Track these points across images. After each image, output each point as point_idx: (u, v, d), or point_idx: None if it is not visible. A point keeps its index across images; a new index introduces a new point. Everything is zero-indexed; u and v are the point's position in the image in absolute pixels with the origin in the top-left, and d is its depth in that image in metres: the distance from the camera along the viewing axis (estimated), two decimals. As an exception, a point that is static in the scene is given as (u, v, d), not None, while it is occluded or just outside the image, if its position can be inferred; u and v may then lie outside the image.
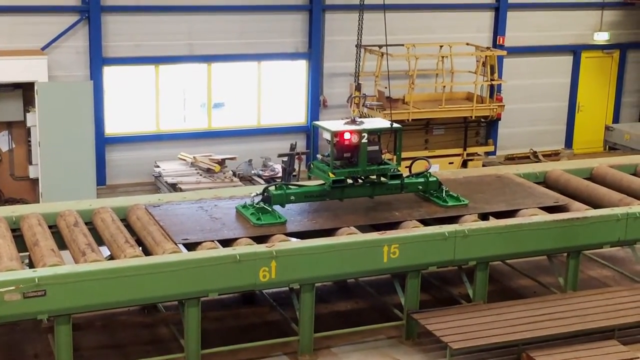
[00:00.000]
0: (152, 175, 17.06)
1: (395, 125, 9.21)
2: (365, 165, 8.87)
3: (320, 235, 8.43)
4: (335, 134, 8.78)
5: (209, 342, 8.01)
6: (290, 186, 8.98)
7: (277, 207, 8.78)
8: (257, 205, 8.72)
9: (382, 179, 9.06)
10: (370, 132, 8.91)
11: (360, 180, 9.04)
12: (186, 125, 17.92)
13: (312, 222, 8.74)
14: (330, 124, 9.13)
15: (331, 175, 8.77)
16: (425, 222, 8.91)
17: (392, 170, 9.04)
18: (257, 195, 8.83)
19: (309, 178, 10.18)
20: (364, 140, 8.79)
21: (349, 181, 8.97)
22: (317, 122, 9.34)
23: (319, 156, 9.19)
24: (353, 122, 8.98)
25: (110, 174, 17.17)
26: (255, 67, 18.12)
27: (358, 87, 17.20)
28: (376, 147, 9.00)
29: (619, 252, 11.06)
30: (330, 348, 8.44)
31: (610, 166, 11.06)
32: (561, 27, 20.68)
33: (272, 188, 8.83)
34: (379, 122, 9.53)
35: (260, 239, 8.26)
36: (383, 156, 9.16)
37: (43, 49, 16.14)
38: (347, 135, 8.77)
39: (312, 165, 9.17)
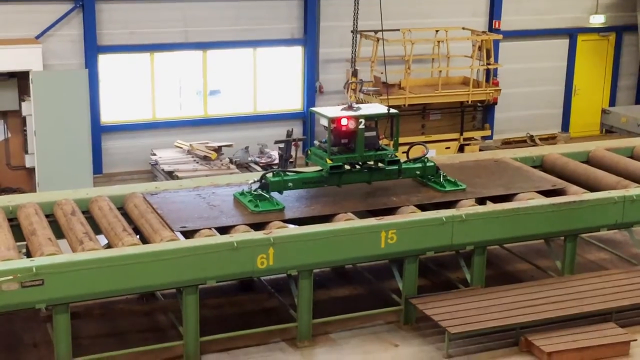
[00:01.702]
0: (149, 163, 17.05)
1: (392, 110, 9.19)
2: (363, 151, 8.85)
3: (319, 222, 8.43)
4: (332, 120, 8.77)
5: (208, 330, 8.01)
6: (287, 173, 8.97)
7: (274, 194, 8.78)
8: (255, 192, 8.71)
9: (380, 164, 9.05)
10: (368, 117, 8.90)
11: (357, 166, 9.03)
12: (182, 112, 17.90)
13: (310, 208, 8.74)
14: (327, 110, 9.11)
15: (329, 161, 8.76)
16: (423, 207, 8.91)
17: (389, 155, 9.02)
18: (254, 182, 8.82)
19: (306, 164, 10.16)
20: (361, 126, 8.78)
21: (347, 167, 8.96)
22: (314, 108, 9.32)
23: (316, 142, 9.17)
24: (350, 108, 8.96)
25: (106, 163, 17.15)
26: (251, 54, 18.08)
27: (355, 73, 17.18)
28: (373, 133, 8.98)
29: (616, 235, 11.07)
30: (328, 334, 8.45)
31: (607, 149, 11.05)
32: (557, 11, 20.64)
33: (269, 175, 8.82)
34: (376, 108, 9.50)
35: (258, 226, 8.26)
36: (380, 142, 9.15)
37: (37, 37, 16.08)
38: (344, 121, 8.75)
39: (309, 152, 9.16)
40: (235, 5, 17.68)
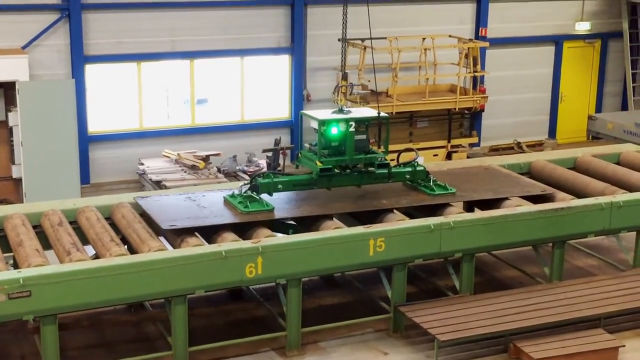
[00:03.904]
0: (137, 173, 16.98)
1: (382, 114, 9.20)
2: (353, 154, 8.87)
3: (308, 222, 8.42)
4: (322, 122, 8.77)
5: (197, 340, 7.99)
6: (277, 175, 8.97)
7: (264, 196, 8.77)
8: (245, 194, 8.71)
9: (370, 168, 9.06)
10: (358, 120, 8.91)
11: (348, 169, 9.04)
12: (170, 122, 17.84)
13: (299, 209, 8.74)
14: (318, 113, 9.13)
15: (319, 163, 8.77)
16: (413, 210, 8.92)
17: (379, 159, 9.04)
18: (245, 184, 8.86)
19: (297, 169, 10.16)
20: (352, 129, 8.79)
21: (337, 170, 8.96)
22: (304, 111, 9.34)
23: (306, 145, 9.18)
24: (340, 111, 8.98)
25: (94, 173, 17.07)
26: (238, 63, 18.06)
27: (345, 77, 17.21)
28: (363, 136, 9.00)
29: (603, 241, 11.11)
30: (318, 342, 8.44)
31: (593, 155, 11.10)
32: (543, 18, 20.72)
33: (259, 177, 8.83)
34: (366, 111, 9.53)
35: (247, 225, 8.24)
36: (370, 146, 9.15)
37: (24, 47, 16.02)
38: (334, 124, 8.77)
39: (299, 154, 9.17)
40: (222, 14, 17.66)
